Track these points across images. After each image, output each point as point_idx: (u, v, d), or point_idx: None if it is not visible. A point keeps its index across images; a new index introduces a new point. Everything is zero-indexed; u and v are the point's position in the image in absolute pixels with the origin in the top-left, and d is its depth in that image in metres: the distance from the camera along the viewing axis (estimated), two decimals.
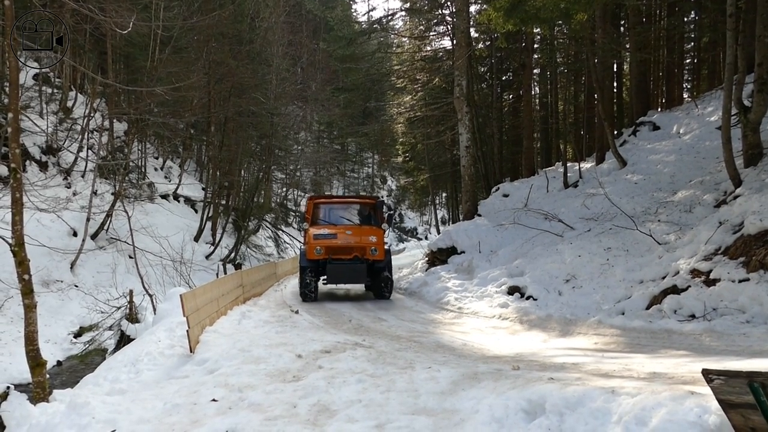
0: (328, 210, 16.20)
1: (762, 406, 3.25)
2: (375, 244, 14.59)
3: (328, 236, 14.67)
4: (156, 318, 10.99)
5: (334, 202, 16.84)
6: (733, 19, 11.30)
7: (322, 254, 14.33)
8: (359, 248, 14.50)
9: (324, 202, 16.61)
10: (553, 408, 4.63)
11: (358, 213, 16.37)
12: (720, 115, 12.47)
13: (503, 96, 33.60)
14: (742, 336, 7.40)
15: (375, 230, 15.24)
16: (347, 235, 14.78)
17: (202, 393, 6.21)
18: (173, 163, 32.11)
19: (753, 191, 10.12)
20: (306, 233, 15.87)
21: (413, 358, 7.40)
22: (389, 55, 32.71)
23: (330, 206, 16.39)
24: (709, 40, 25.51)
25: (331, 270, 14.12)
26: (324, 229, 15.09)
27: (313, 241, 14.50)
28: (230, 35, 28.45)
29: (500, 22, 13.01)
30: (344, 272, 14.23)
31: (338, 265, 14.19)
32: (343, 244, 14.51)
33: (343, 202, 17.22)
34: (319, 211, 16.03)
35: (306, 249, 14.84)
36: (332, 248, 14.40)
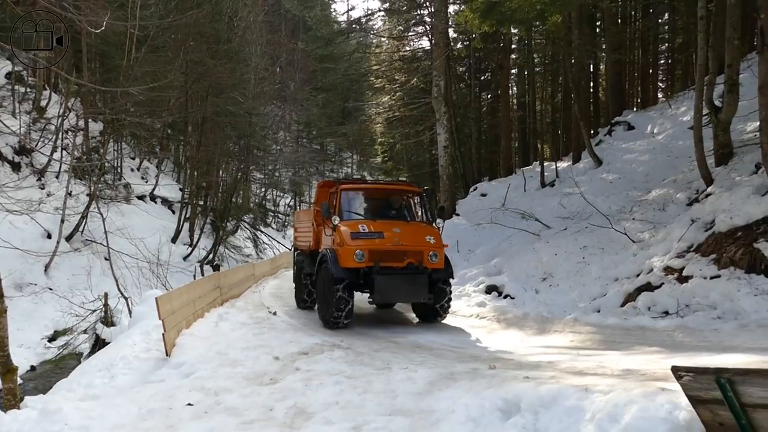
0: (361, 199, 11.88)
1: (729, 401, 3.32)
2: (434, 247, 10.59)
3: (371, 235, 10.38)
4: (132, 321, 10.88)
5: (368, 188, 12.51)
6: (704, 21, 11.50)
7: (365, 260, 10.07)
8: (415, 253, 10.41)
9: (354, 187, 12.03)
10: (528, 407, 4.68)
11: (401, 205, 11.94)
12: (692, 115, 12.67)
13: (481, 96, 33.81)
14: (713, 332, 7.53)
15: (429, 228, 11.27)
16: (396, 234, 10.48)
17: (178, 397, 6.16)
18: (150, 164, 31.75)
19: (724, 190, 10.30)
20: (316, 230, 12.11)
21: (391, 358, 7.42)
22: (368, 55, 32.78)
23: (363, 194, 12.03)
24: (682, 41, 25.93)
25: (383, 284, 9.94)
26: (362, 225, 10.68)
27: (350, 241, 10.19)
28: (208, 34, 28.21)
29: (476, 23, 13.10)
30: (400, 287, 10.20)
31: (392, 277, 10.08)
32: (395, 246, 10.31)
33: (382, 188, 12.77)
34: (346, 201, 11.43)
35: (335, 253, 10.44)
36: (379, 253, 10.18)
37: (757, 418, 3.28)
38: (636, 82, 29.95)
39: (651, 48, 29.17)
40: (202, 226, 27.00)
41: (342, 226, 10.57)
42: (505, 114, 28.82)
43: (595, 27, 26.68)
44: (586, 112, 23.27)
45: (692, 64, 23.64)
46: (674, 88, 28.06)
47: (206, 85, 25.97)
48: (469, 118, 29.01)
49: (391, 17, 29.56)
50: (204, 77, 25.73)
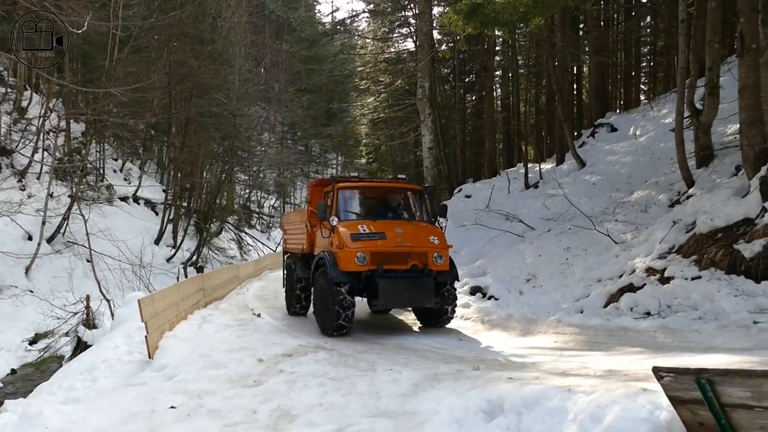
0: (359, 198, 11.17)
1: (709, 401, 3.36)
2: (439, 248, 9.97)
3: (372, 236, 9.73)
4: (114, 323, 10.77)
5: (366, 187, 11.70)
6: (684, 24, 11.65)
7: (367, 263, 9.44)
8: (419, 254, 9.80)
9: (352, 186, 11.29)
10: (511, 407, 4.70)
11: (400, 204, 11.33)
12: (674, 117, 12.81)
13: (466, 97, 33.93)
14: (694, 332, 7.61)
15: (432, 228, 10.63)
16: (398, 234, 9.88)
17: (161, 400, 6.11)
18: (133, 165, 31.51)
19: (705, 191, 10.42)
20: (310, 232, 11.49)
21: (375, 360, 7.41)
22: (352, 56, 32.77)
23: (361, 193, 11.30)
24: (664, 44, 26.24)
25: (387, 288, 9.38)
26: (362, 225, 10.01)
27: (351, 243, 9.57)
28: (191, 35, 28.08)
29: (460, 25, 13.15)
30: (405, 291, 9.60)
31: (396, 281, 9.50)
32: (398, 248, 9.72)
33: (381, 186, 11.95)
34: (344, 200, 10.75)
35: (334, 256, 9.76)
36: (382, 255, 9.57)
37: (736, 418, 3.32)
38: (619, 84, 30.23)
39: (633, 51, 29.51)
40: (186, 228, 26.84)
41: (341, 227, 9.91)
42: (489, 115, 28.95)
43: (578, 29, 26.89)
44: (570, 113, 23.45)
45: (674, 67, 23.93)
46: (656, 91, 28.35)
47: (190, 86, 25.85)
48: (453, 120, 29.10)
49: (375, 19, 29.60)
50: (187, 78, 25.61)
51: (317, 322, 10.29)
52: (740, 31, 9.61)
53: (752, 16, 9.55)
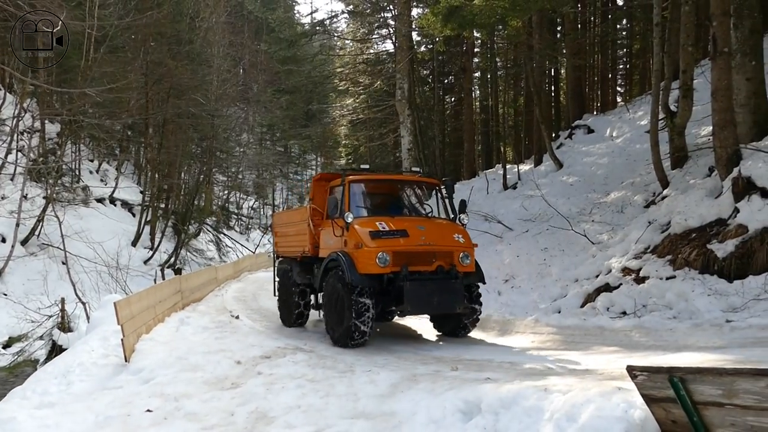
0: (373, 193, 10.18)
1: (681, 399, 3.40)
2: (465, 246, 9.07)
3: (394, 234, 8.75)
4: (90, 327, 10.63)
5: (380, 180, 10.69)
6: (659, 28, 11.82)
7: (389, 265, 8.43)
8: (444, 254, 8.86)
9: (365, 179, 10.09)
10: (488, 408, 4.72)
11: (415, 199, 10.63)
12: (649, 119, 12.99)
13: (445, 99, 34.07)
14: (668, 331, 7.72)
15: (455, 225, 9.70)
16: (421, 232, 8.95)
17: (137, 404, 6.05)
18: (109, 166, 31.11)
19: (679, 192, 10.58)
20: (313, 232, 10.33)
21: (354, 361, 7.41)
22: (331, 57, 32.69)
23: (375, 187, 10.29)
24: (640, 47, 26.59)
25: (414, 292, 8.31)
26: (380, 222, 9.01)
27: (371, 242, 8.54)
28: (169, 35, 27.85)
29: (438, 27, 13.21)
30: (433, 295, 8.48)
31: (424, 284, 8.46)
32: (423, 247, 8.77)
33: (396, 180, 11.03)
34: (356, 195, 9.68)
35: (350, 257, 8.66)
36: (405, 255, 8.57)
37: (708, 416, 3.37)
38: (595, 86, 30.58)
39: (610, 53, 29.83)
40: (164, 229, 26.59)
41: (357, 225, 8.83)
42: (468, 117, 29.10)
43: (556, 32, 27.14)
44: (548, 115, 23.65)
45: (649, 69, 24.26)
46: (632, 93, 28.73)
47: (167, 87, 25.63)
48: (432, 121, 29.17)
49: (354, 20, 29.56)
50: (165, 78, 25.39)
51: (328, 333, 9.12)
52: (713, 34, 9.76)
53: (724, 20, 9.72)
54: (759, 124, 10.14)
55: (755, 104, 10.20)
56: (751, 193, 8.63)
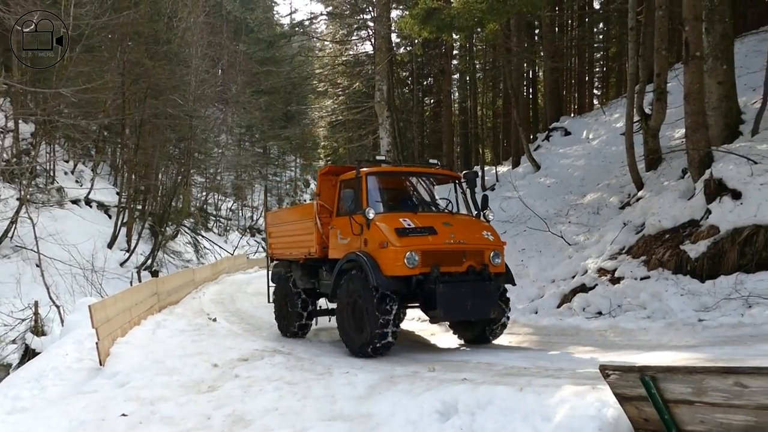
0: (391, 187, 9.30)
1: (653, 398, 3.47)
2: (495, 245, 8.42)
3: (421, 232, 8.00)
4: (64, 330, 10.49)
5: (399, 173, 9.78)
6: (634, 32, 12.00)
7: (418, 265, 7.70)
8: (475, 253, 8.19)
9: (383, 171, 9.27)
10: (465, 408, 4.76)
11: (432, 194, 9.72)
12: (625, 122, 13.17)
13: (424, 101, 34.17)
14: (643, 331, 7.84)
15: (481, 222, 8.94)
16: (448, 229, 8.21)
17: (112, 408, 5.98)
18: (85, 167, 30.67)
19: (653, 194, 10.75)
20: (321, 231, 9.40)
21: (332, 363, 7.40)
22: (310, 58, 32.59)
23: (394, 180, 9.46)
24: (616, 50, 26.93)
25: (448, 295, 7.56)
26: (404, 219, 8.20)
27: (398, 240, 7.74)
28: (146, 35, 27.56)
29: (416, 30, 13.26)
30: (466, 299, 7.74)
31: (457, 286, 7.74)
32: (453, 246, 8.06)
33: (415, 172, 9.90)
34: (374, 190, 8.82)
35: (372, 258, 7.87)
36: (435, 254, 7.85)
37: (678, 413, 3.43)
38: (573, 88, 30.92)
39: (587, 56, 30.19)
40: (140, 231, 26.29)
41: (379, 222, 8.03)
42: (447, 118, 29.23)
43: (534, 35, 27.39)
44: (526, 117, 23.87)
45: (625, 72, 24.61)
46: (609, 95, 29.10)
47: (144, 87, 25.35)
48: (411, 123, 29.25)
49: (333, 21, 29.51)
50: (142, 78, 25.12)
51: (345, 342, 8.37)
52: (685, 39, 9.94)
53: (696, 25, 9.90)
54: (730, 127, 10.35)
55: (726, 107, 10.40)
56: (722, 194, 8.79)
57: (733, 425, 3.20)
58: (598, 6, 28.73)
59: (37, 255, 17.30)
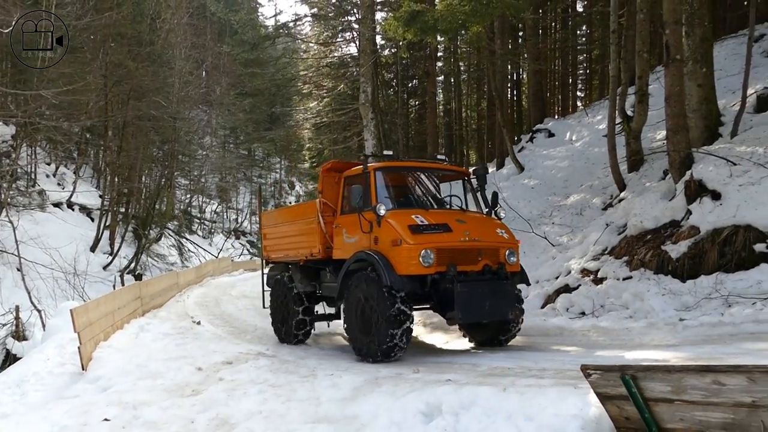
0: (401, 183, 8.90)
1: (633, 397, 3.51)
2: (510, 243, 8.15)
3: (435, 229, 7.66)
4: (45, 335, 10.39)
5: (408, 168, 9.31)
6: (615, 34, 12.12)
7: (433, 264, 7.35)
8: (490, 251, 7.89)
9: (392, 166, 8.93)
10: (449, 409, 4.77)
11: (439, 191, 9.40)
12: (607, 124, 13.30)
13: (409, 102, 34.22)
14: (625, 330, 7.93)
15: (493, 220, 8.66)
16: (462, 226, 7.89)
17: (94, 413, 5.93)
18: (67, 170, 30.37)
19: (635, 195, 10.86)
20: (324, 230, 8.96)
21: (316, 365, 7.40)
22: (295, 60, 32.51)
23: (403, 176, 9.01)
24: (599, 52, 27.16)
25: (467, 296, 7.24)
26: (416, 215, 7.86)
27: (412, 238, 7.39)
28: (129, 36, 27.35)
29: (400, 32, 13.31)
30: (485, 299, 7.42)
31: (476, 286, 7.43)
32: (469, 243, 7.74)
33: (425, 168, 9.39)
34: (383, 186, 8.42)
35: (384, 256, 7.47)
36: (451, 252, 7.53)
37: (658, 411, 3.48)
38: (556, 90, 31.13)
39: (570, 58, 30.41)
40: (124, 234, 26.08)
41: (391, 219, 7.64)
42: (431, 120, 29.27)
43: (518, 37, 27.54)
44: (509, 119, 24.00)
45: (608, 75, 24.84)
46: (592, 97, 29.33)
47: (127, 88, 25.17)
48: (396, 125, 29.28)
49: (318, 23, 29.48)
50: (125, 80, 24.94)
51: (354, 347, 7.99)
52: (666, 42, 10.06)
53: (676, 28, 10.03)
54: (710, 129, 10.50)
55: (706, 109, 10.55)
56: (702, 195, 8.91)
57: (711, 422, 3.25)
58: (581, 9, 28.97)
59: (18, 259, 17.10)
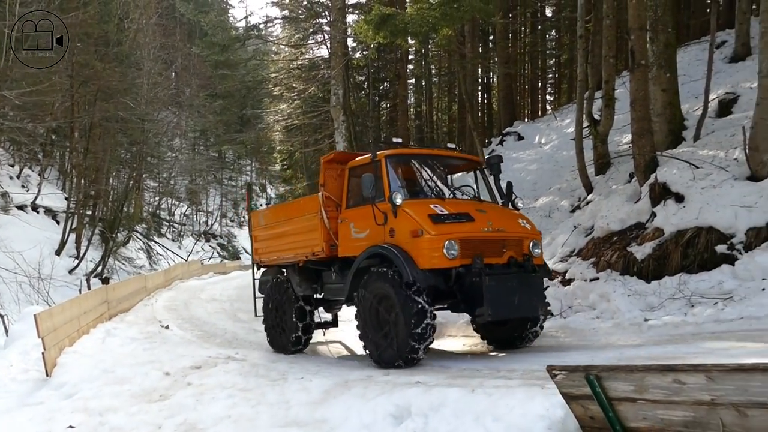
0: (414, 172, 8.13)
1: (597, 396, 3.56)
2: (533, 234, 7.61)
3: (457, 219, 7.05)
4: (8, 340, 10.14)
5: (422, 155, 8.55)
6: (583, 40, 12.33)
7: (458, 257, 6.69)
8: (515, 242, 7.28)
9: (405, 154, 8.34)
10: (418, 411, 4.79)
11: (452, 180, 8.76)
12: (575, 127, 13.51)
13: (380, 105, 34.29)
14: (592, 331, 8.05)
15: (512, 210, 8.14)
16: (484, 215, 7.27)
17: (58, 420, 5.82)
18: (32, 171, 29.74)
19: (602, 197, 11.05)
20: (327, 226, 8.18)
21: (287, 369, 7.35)
22: (265, 62, 32.34)
23: (417, 164, 8.16)
24: (567, 57, 27.59)
25: (496, 290, 6.63)
26: (435, 205, 7.23)
27: (433, 228, 6.74)
28: (96, 36, 26.89)
29: (371, 35, 13.36)
30: (514, 294, 6.86)
31: (505, 280, 6.85)
32: (492, 234, 7.11)
33: (439, 156, 8.61)
34: (396, 175, 7.68)
35: (403, 250, 6.84)
36: (476, 243, 6.89)
37: (622, 411, 3.53)
38: (526, 94, 31.50)
39: (539, 62, 30.82)
40: (90, 237, 25.62)
41: (408, 209, 6.97)
42: (403, 123, 29.38)
43: (488, 41, 27.82)
44: (480, 122, 24.21)
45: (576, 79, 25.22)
46: (561, 101, 29.75)
47: (94, 89, 24.74)
48: (368, 127, 29.33)
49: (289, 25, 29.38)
50: (92, 81, 24.50)
51: (370, 353, 7.33)
52: (631, 47, 10.27)
53: (641, 35, 10.25)
54: (674, 133, 10.74)
55: (670, 114, 10.79)
56: (666, 198, 9.11)
57: (673, 421, 3.31)
58: (549, 14, 29.39)
59: None
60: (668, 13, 10.97)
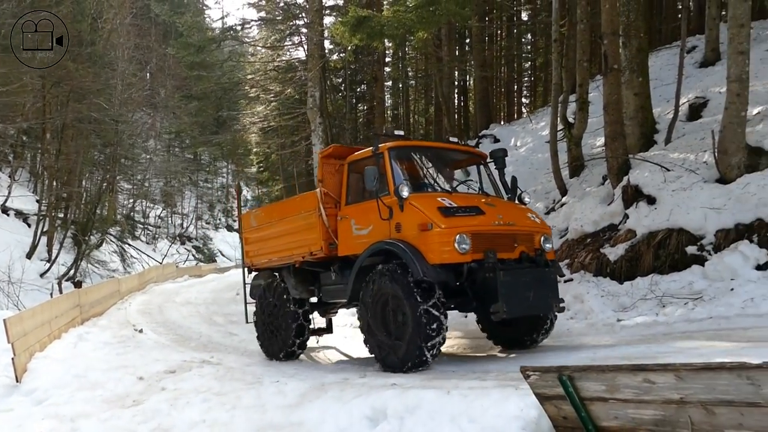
0: (419, 165, 7.89)
1: (570, 396, 3.60)
2: (543, 228, 7.39)
3: (468, 212, 6.82)
4: None
5: (427, 148, 8.52)
6: (557, 44, 12.47)
7: (470, 251, 6.44)
8: (526, 237, 7.07)
9: (409, 146, 8.16)
10: (394, 413, 4.80)
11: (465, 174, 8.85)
12: (550, 130, 13.65)
13: (357, 107, 34.29)
14: (566, 331, 8.15)
15: (519, 205, 7.82)
16: (493, 209, 7.08)
17: (29, 426, 5.72)
18: (2, 173, 29.20)
19: (576, 199, 11.18)
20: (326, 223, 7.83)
21: (262, 372, 7.33)
22: (242, 63, 32.14)
23: (422, 157, 8.00)
24: (543, 60, 27.88)
25: (511, 286, 6.41)
26: (443, 198, 7.01)
27: (443, 221, 6.49)
28: (69, 35, 26.49)
29: (347, 37, 13.38)
30: (529, 290, 6.62)
31: (519, 275, 6.62)
32: (504, 228, 6.89)
33: (444, 149, 8.59)
34: (400, 168, 7.36)
35: (411, 245, 6.57)
36: (488, 237, 6.67)
37: (594, 410, 3.58)
38: (502, 97, 31.73)
39: (515, 66, 31.08)
40: (62, 240, 25.23)
41: (415, 201, 6.70)
42: (380, 125, 29.38)
43: (464, 44, 27.99)
44: (456, 125, 24.33)
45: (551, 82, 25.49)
46: (536, 104, 30.05)
47: (67, 90, 24.37)
48: (345, 129, 29.31)
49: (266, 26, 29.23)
50: (64, 81, 24.13)
51: (376, 356, 7.02)
52: (604, 52, 10.42)
53: (614, 39, 10.40)
54: (646, 136, 10.92)
55: (642, 117, 10.97)
56: (638, 200, 9.25)
57: (643, 419, 3.37)
58: (525, 18, 29.68)
59: None
60: (640, 18, 11.16)
